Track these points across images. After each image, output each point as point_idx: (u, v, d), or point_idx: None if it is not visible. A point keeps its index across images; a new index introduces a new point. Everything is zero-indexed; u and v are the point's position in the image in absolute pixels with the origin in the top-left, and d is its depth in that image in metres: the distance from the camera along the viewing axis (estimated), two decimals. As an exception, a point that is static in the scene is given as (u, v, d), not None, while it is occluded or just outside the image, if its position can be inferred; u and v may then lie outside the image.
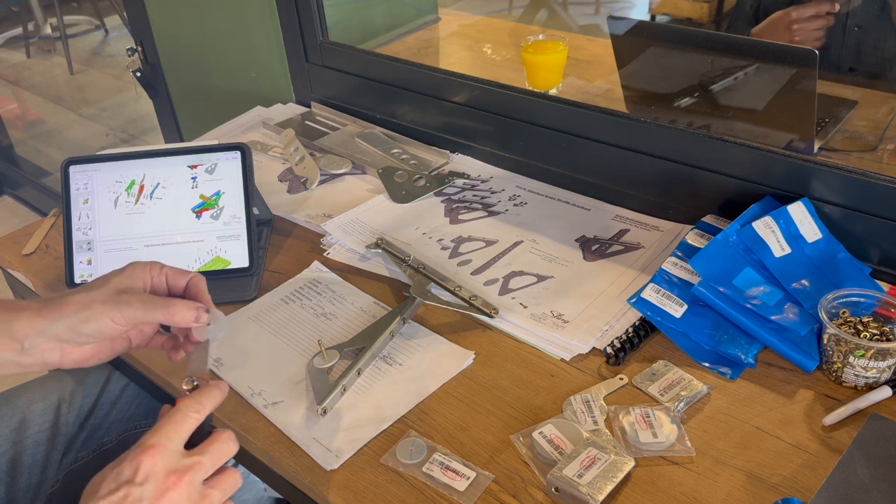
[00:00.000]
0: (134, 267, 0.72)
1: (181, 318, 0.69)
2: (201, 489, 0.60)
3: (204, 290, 0.73)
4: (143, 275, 0.72)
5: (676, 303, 0.88)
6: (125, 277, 0.71)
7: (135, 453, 0.59)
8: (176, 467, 0.59)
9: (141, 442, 0.60)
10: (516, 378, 0.84)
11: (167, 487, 0.58)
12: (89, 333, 0.68)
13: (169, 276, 0.73)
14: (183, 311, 0.69)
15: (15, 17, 3.98)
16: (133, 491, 0.57)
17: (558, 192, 1.16)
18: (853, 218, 0.92)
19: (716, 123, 1.20)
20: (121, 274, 0.71)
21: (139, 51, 1.77)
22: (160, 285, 0.73)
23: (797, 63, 1.06)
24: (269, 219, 1.12)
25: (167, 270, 0.73)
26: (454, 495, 0.71)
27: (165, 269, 0.73)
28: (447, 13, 1.98)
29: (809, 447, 0.73)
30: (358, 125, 1.38)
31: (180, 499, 0.58)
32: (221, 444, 0.62)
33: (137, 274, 0.71)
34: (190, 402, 0.62)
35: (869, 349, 0.76)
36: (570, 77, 1.44)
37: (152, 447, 0.59)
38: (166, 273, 0.73)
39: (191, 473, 0.59)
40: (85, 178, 1.01)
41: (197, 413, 0.62)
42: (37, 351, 0.69)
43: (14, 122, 3.20)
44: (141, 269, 0.72)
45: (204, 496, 0.60)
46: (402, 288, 0.97)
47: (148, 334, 0.75)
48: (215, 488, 0.61)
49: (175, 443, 0.60)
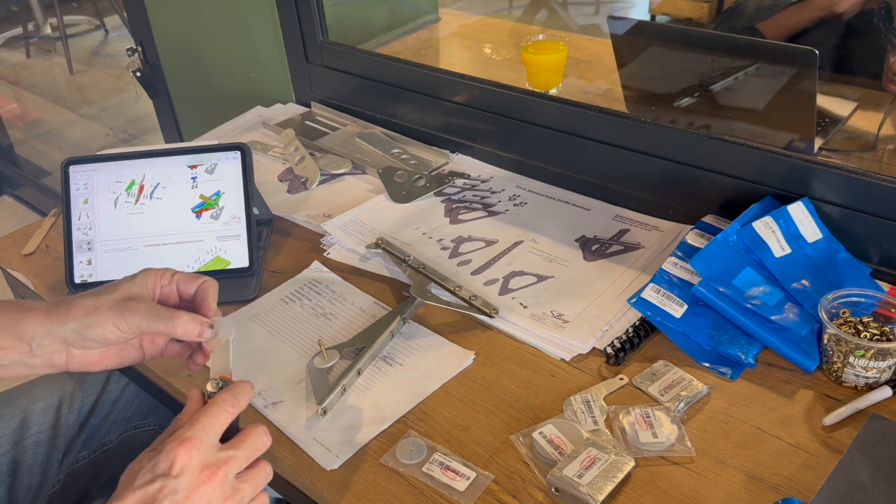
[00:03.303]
0: (146, 274, 0.72)
1: (184, 331, 0.69)
2: (234, 483, 0.60)
3: (210, 297, 0.72)
4: (152, 283, 0.72)
5: (676, 303, 0.88)
6: (135, 285, 0.71)
7: (171, 445, 0.59)
8: (211, 461, 0.59)
9: (177, 434, 0.60)
10: (516, 378, 0.84)
11: (202, 481, 0.58)
12: (94, 338, 0.68)
13: (179, 283, 0.73)
14: (186, 325, 0.68)
15: (15, 17, 3.99)
16: (168, 483, 0.57)
17: (558, 192, 1.16)
18: (853, 218, 0.92)
19: (716, 123, 1.20)
20: (131, 281, 0.71)
21: (139, 51, 1.77)
22: (170, 293, 0.73)
23: (797, 63, 1.06)
24: (269, 219, 1.12)
25: (178, 277, 0.73)
26: (454, 495, 0.71)
27: (176, 276, 0.73)
28: (447, 13, 1.98)
29: (809, 447, 0.73)
30: (358, 125, 1.38)
31: (213, 493, 0.59)
32: (255, 439, 0.62)
33: (147, 282, 0.71)
34: (226, 397, 0.62)
35: (869, 349, 0.76)
36: (570, 77, 1.44)
37: (189, 440, 0.59)
38: (177, 280, 0.73)
39: (225, 468, 0.60)
40: (85, 178, 1.01)
41: (232, 408, 0.62)
42: (44, 352, 0.69)
43: (14, 122, 3.20)
44: (152, 276, 0.72)
45: (236, 490, 0.60)
46: (402, 288, 0.97)
47: (160, 345, 0.74)
48: (247, 482, 0.61)
49: (211, 436, 0.60)
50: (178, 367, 0.89)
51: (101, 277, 0.99)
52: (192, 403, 0.64)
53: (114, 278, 0.98)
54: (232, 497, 0.60)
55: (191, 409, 0.63)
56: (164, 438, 0.60)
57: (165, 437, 0.60)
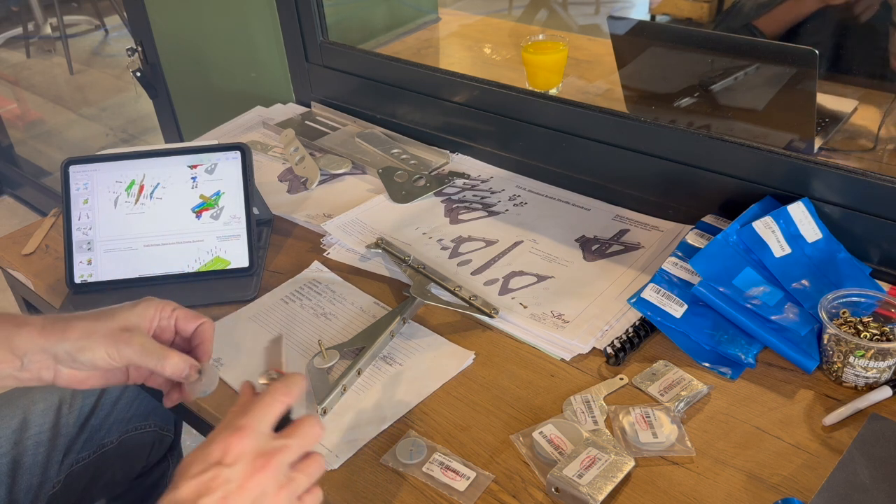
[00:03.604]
0: (146, 305, 0.73)
1: (172, 370, 0.70)
2: (288, 472, 0.60)
3: (208, 340, 0.74)
4: (151, 314, 0.72)
5: (676, 303, 0.88)
6: (133, 314, 0.71)
7: (224, 434, 0.58)
8: (265, 450, 0.59)
9: (229, 422, 0.60)
10: (516, 378, 0.84)
11: (255, 469, 0.58)
12: (84, 362, 0.69)
13: (179, 320, 0.74)
14: (175, 365, 0.70)
15: (15, 17, 3.99)
16: (222, 472, 0.57)
17: (558, 192, 1.16)
18: (853, 218, 0.92)
19: (716, 123, 1.20)
20: (130, 310, 0.72)
21: (139, 51, 1.77)
22: (167, 327, 0.74)
23: (797, 63, 1.06)
24: (269, 219, 1.12)
25: (178, 313, 0.74)
26: (454, 495, 0.71)
27: (177, 312, 0.74)
28: (447, 13, 1.98)
29: (809, 447, 0.73)
30: (358, 125, 1.38)
31: (267, 482, 0.58)
32: (309, 429, 0.62)
33: (147, 313, 0.72)
34: (280, 387, 0.63)
35: (869, 349, 0.76)
36: (570, 77, 1.44)
37: (242, 429, 0.59)
38: (177, 316, 0.74)
39: (279, 456, 0.59)
40: (85, 178, 1.01)
41: (285, 397, 0.62)
42: (34, 367, 0.70)
43: (14, 122, 3.20)
44: (152, 308, 0.73)
45: (290, 479, 0.60)
46: (402, 288, 0.97)
47: (145, 374, 0.75)
48: (301, 472, 0.61)
49: (264, 425, 0.60)
50: (178, 367, 0.89)
51: (101, 277, 0.99)
52: (244, 396, 0.65)
53: (113, 278, 0.99)
54: (286, 486, 0.59)
55: (243, 402, 0.63)
56: (218, 430, 0.60)
57: (219, 429, 0.60)
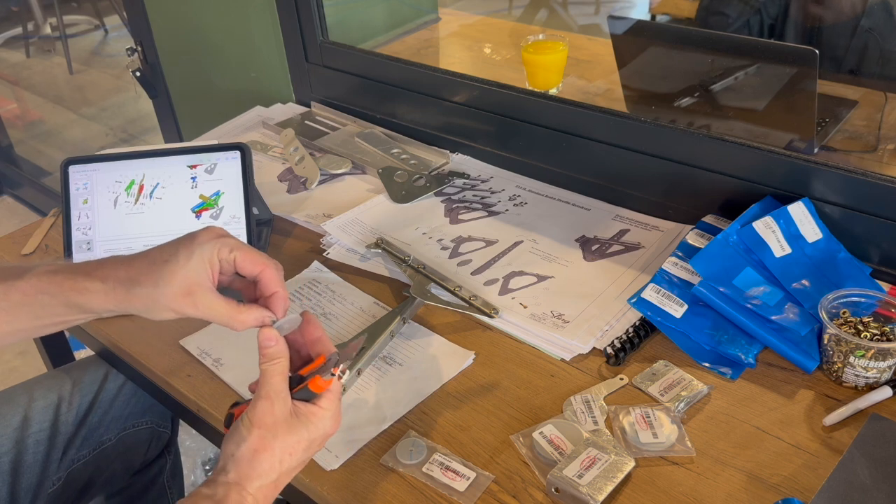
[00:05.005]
0: (201, 254, 0.66)
1: (245, 328, 0.66)
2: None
3: (275, 289, 0.68)
4: (208, 267, 0.66)
5: (676, 303, 0.88)
6: (192, 272, 0.65)
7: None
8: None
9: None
10: (516, 378, 0.84)
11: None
12: (151, 318, 0.67)
13: (238, 261, 0.67)
14: (248, 323, 0.66)
15: (15, 17, 3.98)
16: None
17: (558, 192, 1.16)
18: (853, 218, 0.92)
19: (716, 123, 1.20)
20: (185, 265, 0.65)
21: (139, 51, 1.77)
22: (228, 270, 0.68)
23: (797, 63, 1.06)
24: (268, 219, 1.12)
25: (237, 255, 0.67)
26: (454, 495, 0.71)
27: (235, 254, 0.67)
28: (447, 13, 1.98)
29: (810, 447, 0.73)
30: (358, 125, 1.38)
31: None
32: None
33: (202, 267, 0.66)
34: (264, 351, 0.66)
35: (869, 349, 0.76)
36: (570, 77, 1.44)
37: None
38: (235, 258, 0.67)
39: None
40: (84, 178, 1.01)
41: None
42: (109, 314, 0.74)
43: (14, 122, 3.20)
44: (208, 251, 0.66)
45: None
46: (402, 288, 0.97)
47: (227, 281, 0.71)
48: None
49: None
50: (177, 366, 0.89)
51: (101, 277, 0.99)
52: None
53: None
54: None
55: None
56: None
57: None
